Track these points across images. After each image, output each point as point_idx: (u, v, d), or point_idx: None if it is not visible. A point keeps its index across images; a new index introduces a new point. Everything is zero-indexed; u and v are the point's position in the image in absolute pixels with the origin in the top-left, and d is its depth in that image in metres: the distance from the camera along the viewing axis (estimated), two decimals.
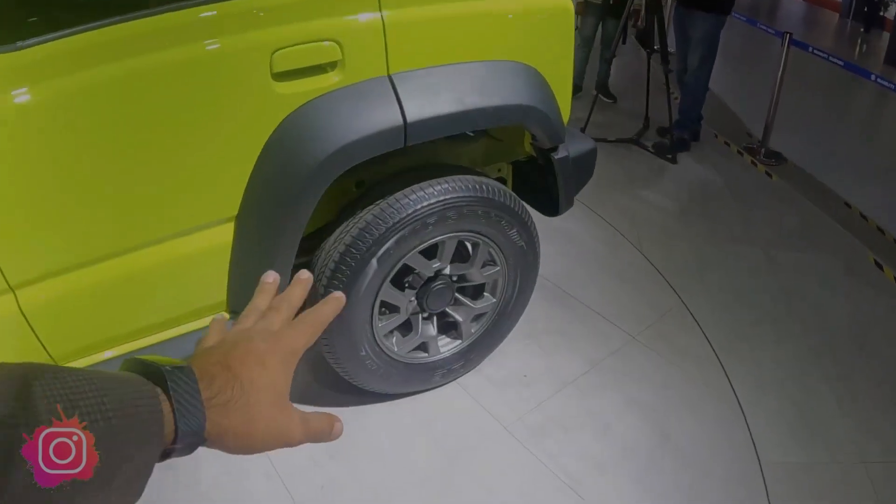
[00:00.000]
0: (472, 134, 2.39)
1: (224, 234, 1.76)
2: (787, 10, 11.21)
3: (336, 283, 1.95)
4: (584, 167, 2.41)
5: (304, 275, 0.63)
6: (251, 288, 0.63)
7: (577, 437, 2.26)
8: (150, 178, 1.59)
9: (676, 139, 4.50)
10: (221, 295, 1.85)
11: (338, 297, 0.61)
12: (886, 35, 8.30)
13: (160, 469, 0.45)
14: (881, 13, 9.17)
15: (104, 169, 1.52)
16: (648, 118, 4.79)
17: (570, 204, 2.41)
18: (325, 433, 0.57)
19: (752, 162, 4.49)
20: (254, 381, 0.51)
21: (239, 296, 1.86)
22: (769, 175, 4.31)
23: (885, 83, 4.59)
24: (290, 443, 0.53)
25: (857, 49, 8.68)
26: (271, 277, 0.63)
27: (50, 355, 1.64)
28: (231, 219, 1.75)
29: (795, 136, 4.80)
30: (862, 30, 9.14)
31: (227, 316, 1.88)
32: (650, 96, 4.70)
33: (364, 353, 2.11)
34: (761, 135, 4.55)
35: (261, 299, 0.61)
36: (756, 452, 2.25)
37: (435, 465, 2.14)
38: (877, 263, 3.40)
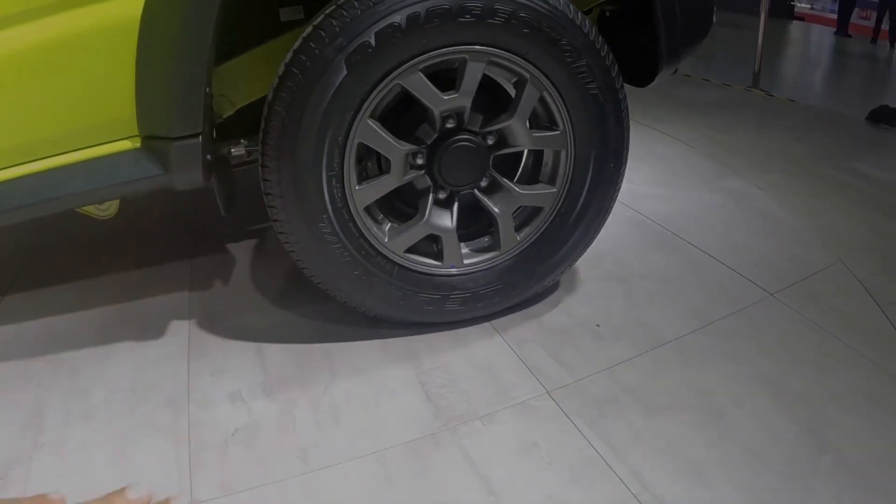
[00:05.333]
0: None
1: (129, 6, 1.18)
2: None
3: (284, 95, 1.20)
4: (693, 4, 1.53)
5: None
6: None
7: (664, 424, 1.37)
8: None
9: None
10: (128, 105, 1.24)
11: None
12: None
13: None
14: None
15: None
16: None
17: (675, 58, 1.54)
18: None
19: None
20: None
21: (152, 109, 1.23)
22: None
23: None
24: None
25: None
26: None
27: None
28: None
29: None
30: None
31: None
32: None
33: (327, 230, 1.33)
34: None
35: None
36: None
37: (417, 434, 1.32)
38: None
